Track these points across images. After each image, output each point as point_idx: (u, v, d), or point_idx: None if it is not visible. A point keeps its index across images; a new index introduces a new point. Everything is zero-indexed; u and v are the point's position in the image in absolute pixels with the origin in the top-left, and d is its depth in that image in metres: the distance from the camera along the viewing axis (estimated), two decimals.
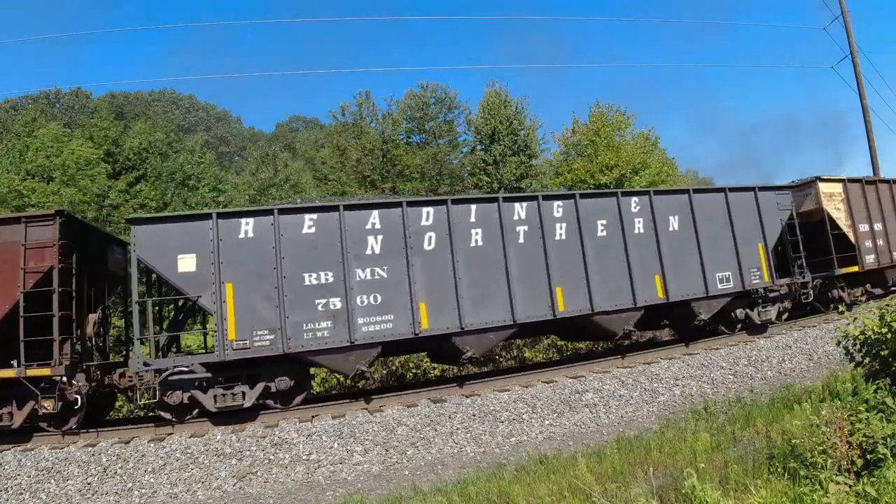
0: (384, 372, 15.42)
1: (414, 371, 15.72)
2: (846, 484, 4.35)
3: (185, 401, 9.12)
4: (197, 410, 9.27)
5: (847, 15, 23.81)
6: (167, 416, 9.20)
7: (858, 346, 6.16)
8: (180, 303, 10.85)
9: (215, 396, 9.16)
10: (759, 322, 13.56)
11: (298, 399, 9.82)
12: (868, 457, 4.56)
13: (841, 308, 8.77)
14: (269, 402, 9.58)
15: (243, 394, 9.27)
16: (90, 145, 23.83)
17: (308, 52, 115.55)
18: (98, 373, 9.64)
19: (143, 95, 57.01)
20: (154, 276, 10.28)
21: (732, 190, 13.54)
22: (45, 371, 8.57)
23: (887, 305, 5.99)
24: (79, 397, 8.90)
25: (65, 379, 8.78)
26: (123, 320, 13.61)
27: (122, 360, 11.26)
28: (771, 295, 13.72)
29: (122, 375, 9.45)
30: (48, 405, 8.60)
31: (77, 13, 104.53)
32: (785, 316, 14.10)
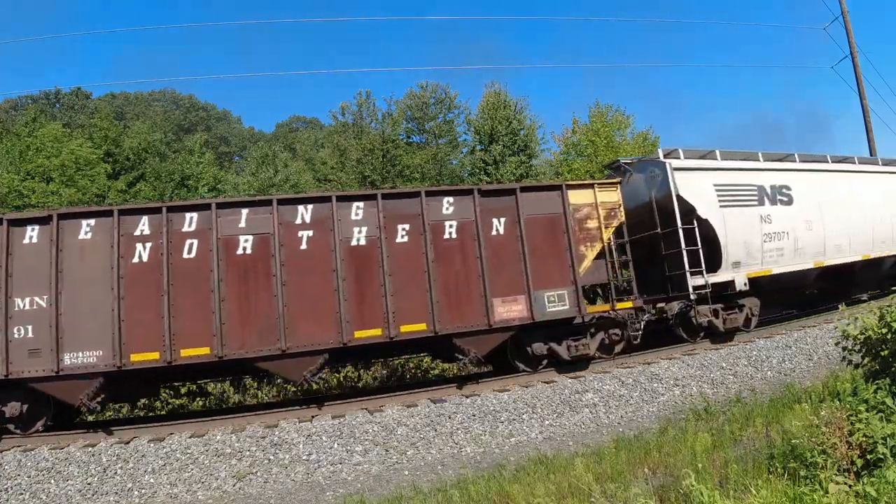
0: (384, 372, 15.40)
1: (414, 371, 15.70)
2: (846, 484, 4.35)
3: None
4: None
5: (847, 15, 23.81)
6: None
7: (858, 347, 6.16)
8: None
9: None
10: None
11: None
12: (868, 457, 4.57)
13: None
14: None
15: None
16: (90, 145, 23.89)
17: (308, 52, 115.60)
18: None
19: (143, 95, 57.19)
20: None
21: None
22: None
23: (888, 307, 5.97)
24: None
25: None
26: None
27: None
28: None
29: None
30: None
31: (77, 13, 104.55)
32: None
